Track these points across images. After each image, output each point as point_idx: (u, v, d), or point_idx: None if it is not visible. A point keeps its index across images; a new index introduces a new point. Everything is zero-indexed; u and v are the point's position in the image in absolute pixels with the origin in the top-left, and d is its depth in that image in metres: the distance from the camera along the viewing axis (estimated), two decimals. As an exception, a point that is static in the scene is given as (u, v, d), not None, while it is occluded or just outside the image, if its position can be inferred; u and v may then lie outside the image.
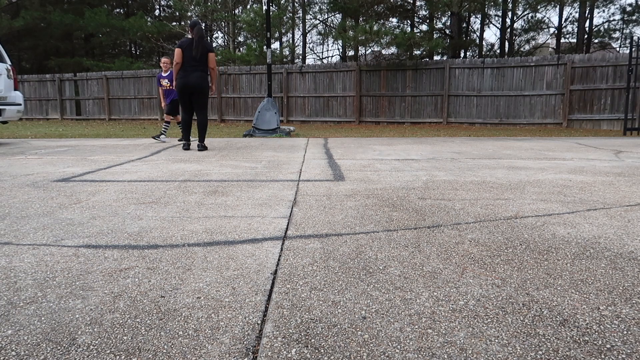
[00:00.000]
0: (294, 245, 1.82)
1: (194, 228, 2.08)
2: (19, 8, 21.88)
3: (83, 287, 1.41)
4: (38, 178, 3.53)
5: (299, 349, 1.06)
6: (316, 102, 14.69)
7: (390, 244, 1.83)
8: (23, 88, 17.62)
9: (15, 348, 1.06)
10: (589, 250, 1.76)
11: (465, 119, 13.27)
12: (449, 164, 4.39)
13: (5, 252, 1.74)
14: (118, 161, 4.67)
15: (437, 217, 2.27)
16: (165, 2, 27.46)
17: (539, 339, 1.10)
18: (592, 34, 20.30)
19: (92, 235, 1.96)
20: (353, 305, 1.28)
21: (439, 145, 6.77)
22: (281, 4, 19.82)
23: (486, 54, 21.79)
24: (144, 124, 14.92)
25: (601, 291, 1.37)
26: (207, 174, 3.75)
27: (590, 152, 5.54)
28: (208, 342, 1.09)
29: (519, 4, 18.54)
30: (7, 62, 6.87)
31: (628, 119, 10.29)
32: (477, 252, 1.74)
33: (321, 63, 24.41)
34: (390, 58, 14.37)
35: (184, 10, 19.78)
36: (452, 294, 1.35)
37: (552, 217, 2.28)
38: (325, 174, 3.77)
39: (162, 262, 1.63)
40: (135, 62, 20.51)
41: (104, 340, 1.10)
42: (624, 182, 3.31)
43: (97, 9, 20.22)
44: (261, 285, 1.42)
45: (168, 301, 1.31)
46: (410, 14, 19.58)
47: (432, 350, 1.05)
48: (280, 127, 9.65)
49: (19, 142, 7.45)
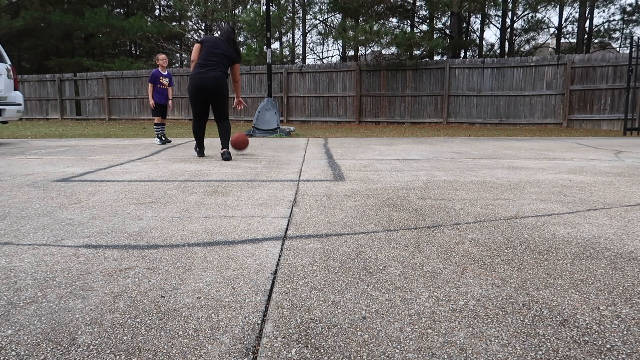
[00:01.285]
0: (294, 245, 1.82)
1: (194, 228, 2.08)
2: (19, 8, 21.88)
3: (83, 287, 1.41)
4: (38, 178, 3.53)
5: (299, 349, 1.06)
6: (316, 102, 14.69)
7: (390, 244, 1.83)
8: (23, 88, 17.62)
9: (15, 348, 1.06)
10: (589, 250, 1.76)
11: (465, 119, 13.27)
12: (449, 164, 4.39)
13: (5, 252, 1.73)
14: (118, 161, 4.67)
15: (437, 217, 2.27)
16: (165, 2, 27.47)
17: (539, 339, 1.10)
18: (592, 34, 20.30)
19: (92, 235, 1.96)
20: (353, 305, 1.28)
21: (439, 145, 6.77)
22: (281, 4, 19.82)
23: (486, 54, 21.79)
24: (144, 124, 14.92)
25: (601, 291, 1.37)
26: (207, 174, 3.75)
27: (590, 152, 5.54)
28: (208, 342, 1.09)
29: (519, 4, 18.54)
30: (7, 62, 6.87)
31: (628, 119, 10.29)
32: (477, 252, 1.74)
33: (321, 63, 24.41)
34: (390, 58, 14.37)
35: (184, 10, 19.78)
36: (452, 294, 1.35)
37: (552, 217, 2.27)
38: (325, 174, 3.77)
39: (162, 262, 1.63)
40: (135, 62, 20.51)
41: (104, 340, 1.10)
42: (624, 182, 3.31)
43: (97, 9, 20.23)
44: (261, 285, 1.42)
45: (168, 301, 1.31)
46: (410, 14, 19.58)
47: (432, 350, 1.05)
48: (280, 127, 9.65)
49: (19, 142, 7.45)
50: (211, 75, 4.64)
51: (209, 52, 4.70)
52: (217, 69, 4.69)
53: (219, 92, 4.74)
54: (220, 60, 4.73)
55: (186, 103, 16.00)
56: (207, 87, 4.66)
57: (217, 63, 4.70)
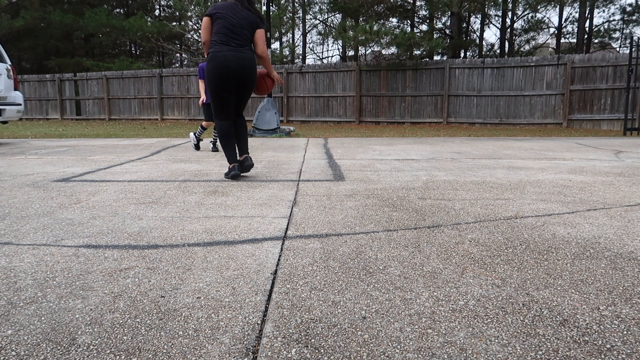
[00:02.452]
0: (294, 245, 1.82)
1: (194, 228, 2.08)
2: (19, 8, 21.88)
3: (83, 287, 1.41)
4: (38, 178, 3.53)
5: (299, 349, 1.06)
6: (316, 102, 14.69)
7: (390, 244, 1.83)
8: (23, 88, 17.62)
9: (15, 348, 1.06)
10: (589, 250, 1.76)
11: (465, 119, 13.27)
12: (449, 164, 4.39)
13: (5, 252, 1.73)
14: (118, 161, 4.67)
15: (437, 217, 2.27)
16: (165, 2, 27.46)
17: (539, 339, 1.10)
18: (592, 34, 20.29)
19: (92, 235, 1.96)
20: (353, 305, 1.28)
21: (439, 145, 6.77)
22: (281, 4, 19.82)
23: (486, 54, 21.78)
24: (144, 124, 14.92)
25: (601, 291, 1.37)
26: (207, 174, 3.75)
27: (590, 152, 5.54)
28: (208, 342, 1.09)
29: (519, 4, 18.54)
30: (7, 62, 6.87)
31: (628, 119, 10.29)
32: (477, 252, 1.74)
33: (321, 63, 24.41)
34: (390, 58, 14.36)
35: (184, 10, 19.77)
36: (452, 294, 1.35)
37: (552, 217, 2.27)
38: (325, 174, 3.77)
39: (162, 262, 1.63)
40: (135, 62, 20.51)
41: (104, 340, 1.10)
42: (624, 182, 3.31)
43: (97, 9, 20.22)
44: (261, 285, 1.42)
45: (168, 301, 1.31)
46: (410, 14, 19.58)
47: (432, 350, 1.05)
48: (280, 127, 9.65)
49: (19, 142, 7.45)
50: (243, 56, 3.37)
51: (226, 27, 3.33)
52: (245, 48, 3.40)
53: (252, 79, 3.48)
54: (244, 35, 3.38)
55: (186, 103, 16.00)
56: (237, 68, 3.35)
57: (241, 40, 3.37)
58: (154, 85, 16.30)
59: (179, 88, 16.05)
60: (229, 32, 3.34)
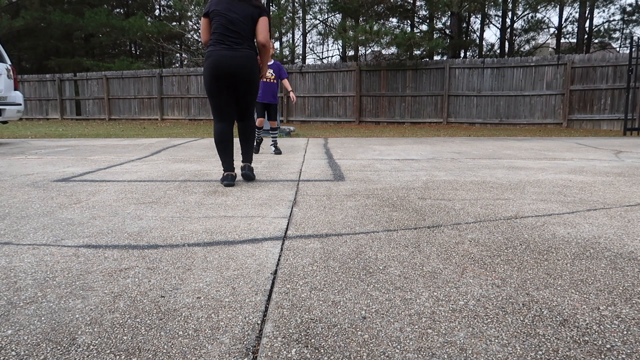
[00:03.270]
0: (294, 245, 1.82)
1: (194, 228, 2.08)
2: (19, 8, 21.89)
3: (83, 287, 1.41)
4: (38, 178, 3.53)
5: (299, 349, 1.06)
6: (316, 102, 14.69)
7: (390, 244, 1.83)
8: (23, 88, 17.62)
9: (15, 348, 1.06)
10: (589, 250, 1.76)
11: (465, 119, 13.27)
12: (449, 164, 4.39)
13: (5, 252, 1.73)
14: (118, 161, 4.67)
15: (437, 217, 2.27)
16: (165, 2, 27.46)
17: (539, 339, 1.10)
18: (592, 34, 20.29)
19: (92, 235, 1.96)
20: (353, 305, 1.28)
21: (439, 145, 6.77)
22: (281, 4, 19.81)
23: (486, 54, 21.78)
24: (144, 124, 14.91)
25: (601, 291, 1.37)
26: (207, 174, 3.75)
27: (590, 152, 5.54)
28: (208, 342, 1.09)
29: (519, 4, 18.53)
30: (7, 62, 6.87)
31: (628, 119, 10.29)
32: (477, 252, 1.74)
33: (321, 63, 24.41)
34: (390, 58, 14.37)
35: (184, 10, 19.76)
36: (452, 294, 1.35)
37: (552, 217, 2.27)
38: (325, 174, 3.77)
39: (162, 262, 1.63)
40: (135, 62, 20.49)
41: (104, 340, 1.10)
42: (624, 182, 3.31)
43: (97, 9, 20.22)
44: (261, 285, 1.42)
45: (168, 301, 1.31)
46: (410, 14, 19.58)
47: (432, 350, 1.05)
48: (280, 127, 9.65)
49: (19, 142, 7.45)
50: (239, 54, 3.20)
51: (222, 25, 3.19)
52: (244, 45, 3.22)
53: (248, 78, 3.27)
54: (242, 30, 3.21)
55: (186, 103, 16.00)
56: (232, 68, 3.19)
57: (238, 37, 3.20)
58: (154, 85, 16.29)
59: (179, 88, 16.05)
60: (225, 30, 3.19)
